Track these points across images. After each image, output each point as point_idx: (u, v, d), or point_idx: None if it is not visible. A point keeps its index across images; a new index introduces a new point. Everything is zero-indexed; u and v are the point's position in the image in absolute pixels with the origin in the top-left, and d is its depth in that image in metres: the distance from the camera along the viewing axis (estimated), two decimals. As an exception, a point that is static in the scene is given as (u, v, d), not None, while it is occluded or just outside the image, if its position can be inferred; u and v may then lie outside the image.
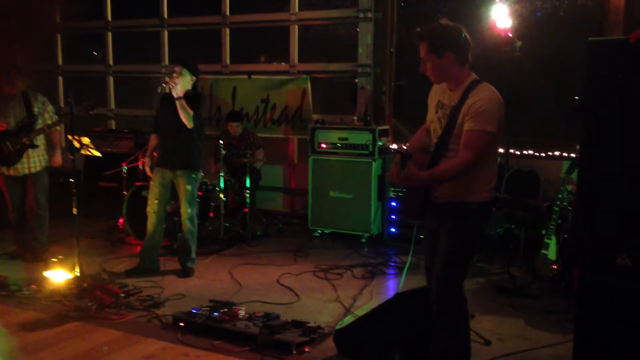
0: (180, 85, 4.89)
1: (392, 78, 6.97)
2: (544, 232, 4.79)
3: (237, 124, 6.78)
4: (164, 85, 4.96)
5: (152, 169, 5.21)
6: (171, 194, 5.24)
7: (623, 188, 2.90)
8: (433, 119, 3.10)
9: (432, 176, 2.95)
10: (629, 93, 2.88)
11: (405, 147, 2.91)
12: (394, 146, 6.70)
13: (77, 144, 4.91)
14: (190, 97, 4.96)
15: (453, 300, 3.02)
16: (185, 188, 5.04)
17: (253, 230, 6.50)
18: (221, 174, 6.14)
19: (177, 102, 4.86)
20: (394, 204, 6.27)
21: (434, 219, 3.11)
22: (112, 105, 8.93)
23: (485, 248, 5.54)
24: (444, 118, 3.00)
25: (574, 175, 4.47)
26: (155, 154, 5.26)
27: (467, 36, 2.97)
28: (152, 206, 5.11)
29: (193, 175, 5.07)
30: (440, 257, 3.01)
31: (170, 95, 4.93)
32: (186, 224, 5.12)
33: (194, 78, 5.02)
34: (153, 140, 5.28)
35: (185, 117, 4.87)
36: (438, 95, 3.11)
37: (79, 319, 4.14)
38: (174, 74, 4.91)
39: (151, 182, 5.15)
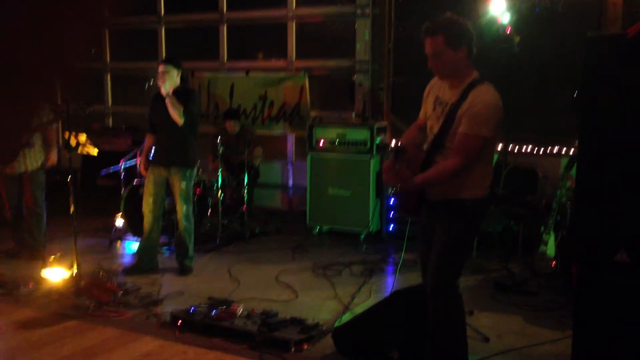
0: (169, 82, 4.90)
1: (390, 74, 6.95)
2: (542, 228, 4.78)
3: (235, 121, 6.76)
4: (152, 80, 4.98)
5: (147, 169, 5.20)
6: (168, 192, 5.23)
7: (621, 184, 2.89)
8: (430, 116, 3.07)
9: (425, 181, 2.95)
10: (627, 88, 2.87)
11: (399, 144, 2.88)
12: (392, 144, 6.69)
13: (74, 142, 4.90)
14: (180, 93, 4.96)
15: (448, 297, 3.01)
16: (180, 186, 5.03)
17: (251, 227, 6.49)
18: (219, 171, 6.12)
19: (167, 99, 4.87)
20: (392, 201, 6.25)
21: (428, 216, 3.10)
22: (110, 103, 8.90)
23: (483, 245, 5.54)
24: (442, 115, 2.98)
25: (573, 172, 4.47)
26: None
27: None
28: (148, 205, 5.10)
29: (188, 173, 5.07)
30: (435, 254, 3.00)
31: (161, 94, 4.95)
32: (182, 222, 5.11)
33: (180, 71, 5.03)
34: (149, 139, 5.28)
35: (176, 114, 4.87)
36: (435, 91, 3.07)
37: (77, 317, 4.13)
38: (160, 73, 4.92)
39: (146, 181, 5.15)
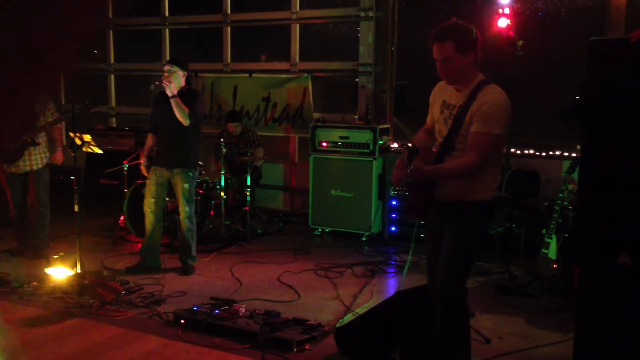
0: (174, 82, 4.92)
1: (393, 77, 6.97)
2: (544, 231, 4.79)
3: (237, 124, 6.79)
4: (157, 83, 4.99)
5: (148, 169, 5.22)
6: (170, 192, 5.26)
7: (624, 187, 2.90)
8: (438, 119, 3.10)
9: (439, 172, 2.97)
10: (630, 92, 2.88)
11: (412, 143, 2.91)
12: (395, 145, 6.71)
13: (78, 141, 4.92)
14: (184, 94, 4.98)
15: (457, 298, 3.04)
16: (182, 186, 5.05)
17: (253, 228, 6.51)
18: (222, 172, 6.15)
19: (172, 101, 4.89)
20: (394, 202, 6.27)
21: (438, 217, 3.11)
22: (113, 103, 8.94)
23: (485, 247, 5.55)
24: (450, 118, 3.00)
25: (575, 175, 4.48)
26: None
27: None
28: (149, 205, 5.12)
29: (190, 174, 5.09)
30: (444, 255, 3.02)
31: (164, 94, 4.96)
32: (185, 223, 5.13)
33: (186, 72, 5.05)
34: (150, 139, 5.30)
35: (181, 115, 4.90)
36: (442, 95, 3.10)
37: (80, 315, 4.15)
38: (166, 74, 4.95)
39: (147, 181, 5.17)
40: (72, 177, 4.82)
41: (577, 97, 5.90)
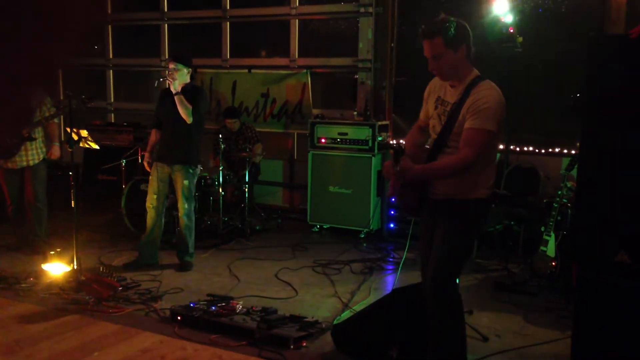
0: (179, 79, 4.90)
1: (393, 73, 6.95)
2: (543, 228, 4.78)
3: (234, 120, 6.77)
4: (161, 79, 4.97)
5: (151, 165, 5.21)
6: (170, 188, 5.24)
7: (622, 185, 2.89)
8: (432, 115, 3.07)
9: (429, 170, 2.94)
10: (629, 89, 2.86)
11: (395, 144, 2.92)
12: (394, 142, 6.69)
13: (75, 137, 4.91)
14: (189, 92, 4.96)
15: (448, 296, 3.01)
16: (182, 183, 5.03)
17: (252, 224, 6.49)
18: (220, 168, 6.13)
19: (176, 98, 4.87)
20: (393, 199, 6.25)
21: (431, 215, 3.09)
22: (112, 99, 8.91)
23: (484, 244, 5.54)
24: (444, 114, 2.98)
25: (574, 172, 4.46)
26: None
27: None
28: (151, 201, 5.11)
29: (190, 170, 5.07)
30: (436, 253, 3.00)
31: (169, 90, 4.94)
32: (183, 220, 5.12)
33: (190, 69, 5.02)
34: (153, 135, 5.28)
35: (185, 112, 4.88)
36: (437, 91, 3.07)
37: (77, 311, 4.13)
38: (170, 71, 4.92)
39: (150, 177, 5.15)
40: (69, 173, 4.79)
41: (578, 95, 5.89)
